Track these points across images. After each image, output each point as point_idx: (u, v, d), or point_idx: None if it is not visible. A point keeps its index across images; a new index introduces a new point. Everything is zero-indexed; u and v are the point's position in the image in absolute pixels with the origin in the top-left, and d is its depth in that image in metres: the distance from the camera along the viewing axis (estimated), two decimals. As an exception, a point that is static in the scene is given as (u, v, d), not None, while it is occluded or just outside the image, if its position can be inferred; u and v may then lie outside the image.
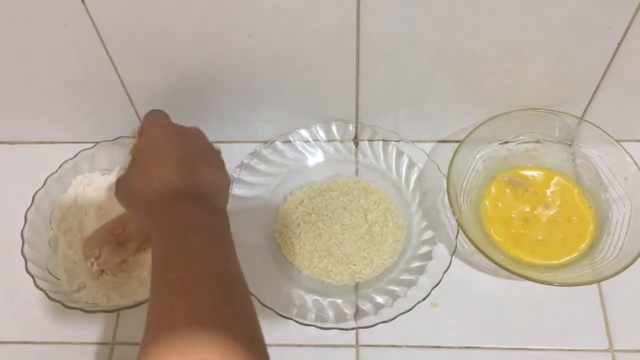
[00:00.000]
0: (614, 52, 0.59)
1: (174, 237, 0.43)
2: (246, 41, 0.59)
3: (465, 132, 0.64)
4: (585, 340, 0.58)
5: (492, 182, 0.67)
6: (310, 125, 0.70)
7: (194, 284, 0.40)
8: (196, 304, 0.39)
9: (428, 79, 0.64)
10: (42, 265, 0.60)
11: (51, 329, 0.61)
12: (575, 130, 0.66)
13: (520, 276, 0.56)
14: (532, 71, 0.62)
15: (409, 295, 0.59)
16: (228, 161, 0.69)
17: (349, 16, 0.56)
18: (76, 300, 0.59)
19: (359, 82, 0.64)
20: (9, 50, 0.61)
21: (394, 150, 0.69)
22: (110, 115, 0.69)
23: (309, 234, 0.65)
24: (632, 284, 0.59)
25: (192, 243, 0.43)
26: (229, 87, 0.65)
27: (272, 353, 0.59)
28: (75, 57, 0.61)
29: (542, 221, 0.64)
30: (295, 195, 0.68)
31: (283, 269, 0.63)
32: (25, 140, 0.75)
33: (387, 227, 0.65)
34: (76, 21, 0.57)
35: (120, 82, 0.64)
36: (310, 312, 0.59)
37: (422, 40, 0.59)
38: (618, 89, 0.63)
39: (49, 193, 0.64)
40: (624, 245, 0.58)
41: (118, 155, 0.68)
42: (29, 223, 0.61)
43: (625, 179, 0.62)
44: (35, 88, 0.66)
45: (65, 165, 0.65)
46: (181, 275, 0.41)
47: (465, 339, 0.59)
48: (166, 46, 0.60)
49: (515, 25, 0.57)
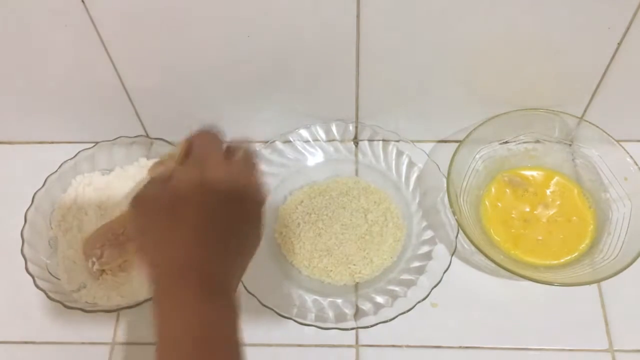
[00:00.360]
0: (614, 52, 0.59)
1: (191, 337, 0.39)
2: (246, 41, 0.59)
3: (465, 132, 0.64)
4: (585, 340, 0.58)
5: (492, 182, 0.67)
6: (310, 125, 0.70)
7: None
8: None
9: (428, 79, 0.64)
10: (42, 265, 0.60)
11: (51, 329, 0.61)
12: (575, 130, 0.66)
13: (520, 276, 0.56)
14: (532, 71, 0.62)
15: (409, 295, 0.59)
16: (228, 161, 0.70)
17: (349, 16, 0.56)
18: (76, 300, 0.59)
19: (359, 82, 0.64)
20: (9, 50, 0.61)
21: (394, 150, 0.69)
22: (110, 115, 0.69)
23: (309, 234, 0.65)
24: (632, 284, 0.59)
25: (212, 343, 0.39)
26: (229, 87, 0.65)
27: (272, 353, 0.59)
28: (75, 57, 0.61)
29: (542, 221, 0.64)
30: (295, 195, 0.68)
31: (283, 269, 0.63)
32: (25, 140, 0.75)
33: (387, 227, 0.65)
34: (76, 21, 0.57)
35: (120, 82, 0.64)
36: (310, 312, 0.59)
37: (422, 40, 0.59)
38: (618, 89, 0.63)
39: (49, 193, 0.64)
40: (624, 245, 0.58)
41: (118, 155, 0.68)
42: (29, 223, 0.61)
43: (625, 179, 0.62)
44: (35, 88, 0.66)
45: (65, 165, 0.65)
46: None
47: (465, 339, 0.59)
48: (166, 46, 0.60)
49: (515, 25, 0.57)
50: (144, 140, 0.68)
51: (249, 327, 0.60)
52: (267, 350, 0.59)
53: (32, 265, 0.59)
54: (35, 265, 0.59)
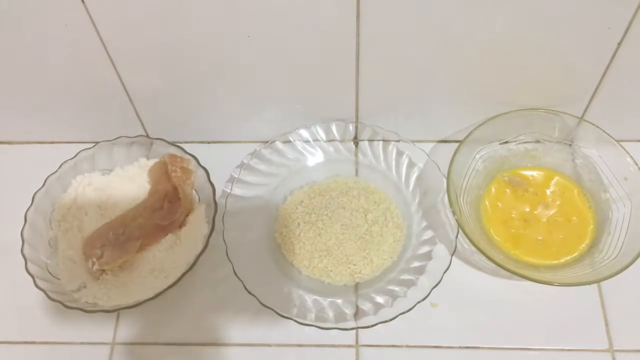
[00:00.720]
0: (614, 52, 0.59)
1: None
2: (246, 41, 0.59)
3: (465, 132, 0.64)
4: (585, 340, 0.58)
5: (492, 182, 0.67)
6: (310, 125, 0.70)
7: None
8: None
9: (428, 79, 0.64)
10: (42, 265, 0.60)
11: (51, 329, 0.61)
12: (575, 130, 0.66)
13: (520, 276, 0.56)
14: (532, 71, 0.62)
15: (409, 295, 0.59)
16: (228, 161, 0.70)
17: (348, 16, 0.56)
18: (76, 300, 0.59)
19: (359, 82, 0.64)
20: (9, 50, 0.61)
21: (394, 150, 0.69)
22: (110, 115, 0.69)
23: (309, 234, 0.65)
24: (632, 284, 0.59)
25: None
26: (229, 87, 0.65)
27: (272, 353, 0.59)
28: (75, 57, 0.61)
29: (542, 221, 0.64)
30: (295, 195, 0.68)
31: (283, 269, 0.63)
32: (25, 140, 0.75)
33: (387, 227, 0.65)
34: (76, 21, 0.57)
35: (120, 82, 0.64)
36: (310, 312, 0.59)
37: (422, 40, 0.59)
38: (618, 89, 0.63)
39: (49, 193, 0.64)
40: (624, 245, 0.58)
41: (118, 155, 0.68)
42: (29, 223, 0.61)
43: (625, 179, 0.62)
44: (35, 88, 0.66)
45: (65, 165, 0.65)
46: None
47: (465, 339, 0.59)
48: (166, 46, 0.60)
49: (515, 25, 0.57)
50: (144, 140, 0.68)
51: (249, 327, 0.61)
52: (267, 350, 0.59)
53: (32, 265, 0.59)
54: (35, 265, 0.59)
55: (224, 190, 0.67)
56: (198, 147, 0.72)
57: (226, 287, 0.62)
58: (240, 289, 0.58)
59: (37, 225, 0.62)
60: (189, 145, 0.69)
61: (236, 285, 0.58)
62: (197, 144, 0.73)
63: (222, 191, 0.67)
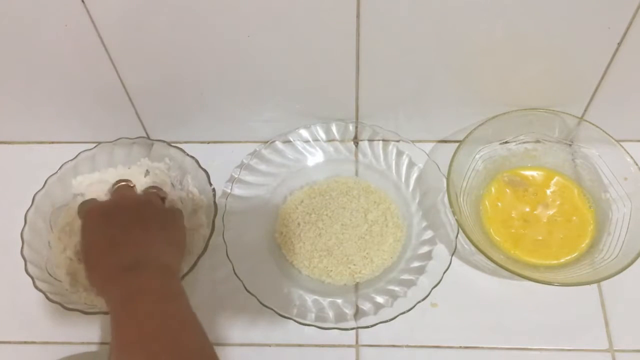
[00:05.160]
0: (614, 52, 0.59)
1: (120, 305, 0.48)
2: (246, 41, 0.59)
3: (465, 132, 0.64)
4: (585, 340, 0.58)
5: (492, 182, 0.67)
6: (310, 125, 0.70)
7: (146, 342, 0.45)
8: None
9: (428, 79, 0.64)
10: (42, 267, 0.60)
11: (51, 329, 0.61)
12: (575, 130, 0.66)
13: (520, 276, 0.56)
14: (532, 71, 0.62)
15: (409, 295, 0.59)
16: (228, 161, 0.70)
17: (349, 16, 0.56)
18: (75, 301, 0.59)
19: (359, 82, 0.64)
20: (9, 50, 0.61)
21: (394, 150, 0.69)
22: (110, 115, 0.69)
23: (309, 234, 0.65)
24: (632, 284, 0.59)
25: (138, 307, 0.47)
26: (229, 87, 0.65)
27: (272, 353, 0.59)
28: (75, 57, 0.61)
29: (542, 221, 0.64)
30: (295, 195, 0.68)
31: (283, 269, 0.63)
32: (25, 140, 0.75)
33: (387, 227, 0.65)
34: (76, 21, 0.57)
35: (120, 82, 0.64)
36: (310, 312, 0.59)
37: (422, 40, 0.59)
38: (618, 89, 0.63)
39: (49, 194, 0.64)
40: (624, 245, 0.58)
41: (118, 157, 0.68)
42: (28, 224, 0.61)
43: (625, 179, 0.62)
44: (35, 88, 0.66)
45: (65, 166, 0.65)
46: (132, 337, 0.45)
47: (465, 339, 0.59)
48: (166, 46, 0.60)
49: (515, 25, 0.57)
50: (144, 141, 0.68)
51: (249, 327, 0.60)
52: (267, 350, 0.59)
53: (31, 266, 0.58)
54: (35, 267, 0.59)
55: (224, 190, 0.67)
56: (198, 147, 0.72)
57: (226, 287, 0.62)
58: (240, 289, 0.58)
59: (37, 226, 0.62)
60: (189, 145, 0.69)
61: (236, 285, 0.58)
62: (197, 144, 0.73)
63: (222, 191, 0.67)
